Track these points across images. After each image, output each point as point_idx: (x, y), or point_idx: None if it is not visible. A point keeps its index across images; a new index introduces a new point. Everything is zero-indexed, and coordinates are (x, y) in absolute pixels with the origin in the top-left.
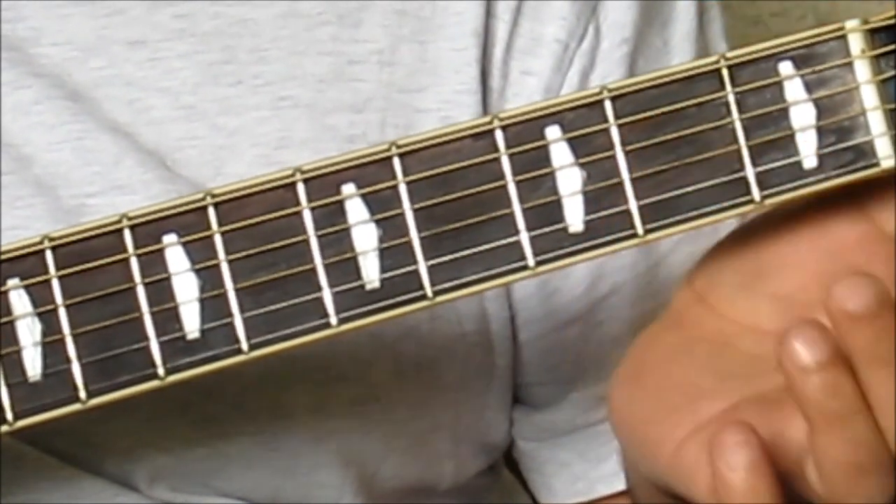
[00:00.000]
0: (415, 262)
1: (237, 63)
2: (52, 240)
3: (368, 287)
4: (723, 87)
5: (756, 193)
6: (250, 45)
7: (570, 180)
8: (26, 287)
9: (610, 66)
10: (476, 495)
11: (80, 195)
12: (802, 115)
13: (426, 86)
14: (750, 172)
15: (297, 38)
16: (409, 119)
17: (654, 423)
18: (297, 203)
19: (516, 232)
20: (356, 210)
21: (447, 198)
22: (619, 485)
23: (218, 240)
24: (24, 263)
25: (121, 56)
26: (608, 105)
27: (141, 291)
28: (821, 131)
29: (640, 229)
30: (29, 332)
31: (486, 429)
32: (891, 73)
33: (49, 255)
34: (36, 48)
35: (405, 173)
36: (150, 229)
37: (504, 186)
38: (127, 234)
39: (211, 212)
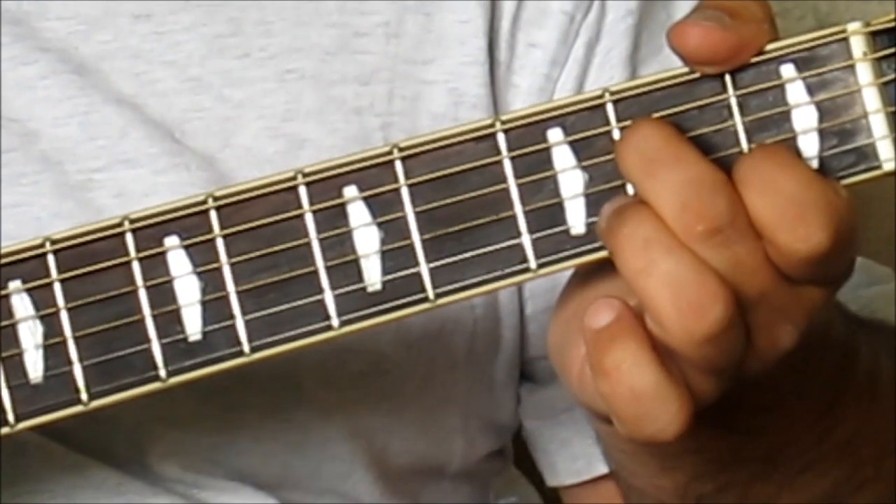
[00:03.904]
0: (417, 264)
1: (243, 35)
2: (53, 242)
3: (370, 289)
4: (725, 90)
5: None
6: (256, 17)
7: (572, 183)
8: (28, 290)
9: (615, 38)
10: (484, 481)
11: (86, 170)
12: (804, 118)
13: (432, 57)
14: None
15: (302, 9)
16: (416, 90)
17: (566, 346)
18: (299, 205)
19: (518, 234)
20: (358, 212)
21: (449, 200)
22: None
23: (220, 242)
24: (26, 266)
25: (126, 29)
26: (610, 108)
27: (143, 294)
28: (823, 134)
29: None
30: (30, 335)
31: (494, 405)
32: (892, 75)
33: (51, 258)
34: (41, 22)
35: (407, 176)
36: (151, 232)
37: (506, 189)
38: (129, 237)
39: (213, 214)
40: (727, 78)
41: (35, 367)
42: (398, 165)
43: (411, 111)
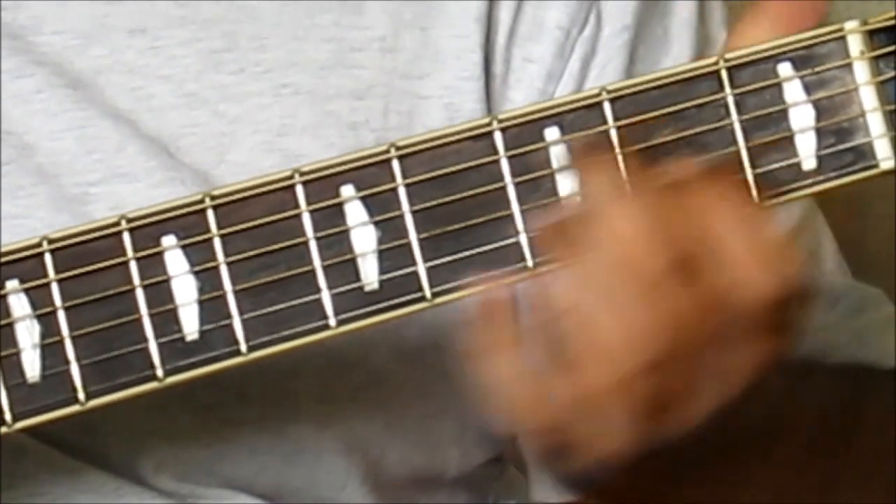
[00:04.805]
0: (414, 263)
1: (238, 50)
2: (51, 242)
3: (367, 288)
4: (722, 89)
5: (755, 195)
6: (251, 31)
7: (569, 182)
8: (25, 289)
9: (611, 53)
10: (482, 488)
11: (82, 183)
12: (802, 117)
13: (428, 72)
14: (749, 174)
15: (298, 24)
16: (412, 105)
17: None
18: (297, 205)
19: (516, 233)
20: (355, 212)
21: (446, 199)
22: None
23: (217, 242)
24: (24, 265)
25: (122, 44)
26: (607, 106)
27: (140, 293)
28: (820, 133)
29: None
30: (28, 334)
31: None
32: (890, 74)
33: (48, 258)
34: (37, 36)
35: (404, 175)
36: (149, 231)
37: (503, 188)
38: (126, 236)
39: (210, 214)
40: (724, 76)
41: (32, 366)
42: (395, 164)
43: (407, 126)
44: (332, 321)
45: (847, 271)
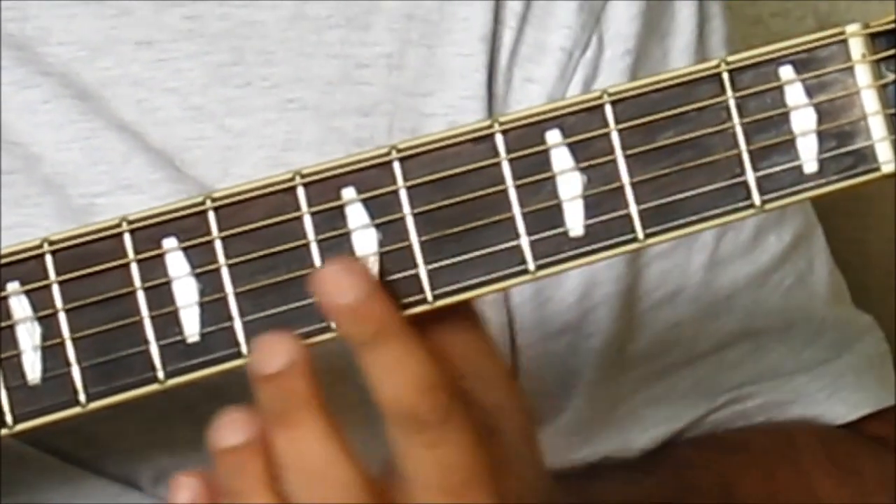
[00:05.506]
0: (415, 265)
1: (245, 64)
2: (51, 243)
3: None
4: (723, 92)
5: (756, 198)
6: (258, 46)
7: (570, 184)
8: (26, 291)
9: (613, 75)
10: None
11: (88, 194)
12: (803, 120)
13: (433, 90)
14: (750, 177)
15: (305, 40)
16: (416, 123)
17: None
18: (298, 207)
19: (517, 236)
20: (356, 214)
21: (447, 202)
22: None
23: (218, 244)
24: (24, 267)
25: (128, 56)
26: (609, 109)
27: (141, 295)
28: (821, 136)
29: (640, 233)
30: (29, 336)
31: None
32: (891, 77)
33: (49, 259)
34: (44, 47)
35: (405, 177)
36: (150, 233)
37: (504, 190)
38: (127, 238)
39: (211, 216)
40: (726, 79)
41: (33, 368)
42: (396, 167)
43: None
44: (332, 323)
45: (843, 296)
